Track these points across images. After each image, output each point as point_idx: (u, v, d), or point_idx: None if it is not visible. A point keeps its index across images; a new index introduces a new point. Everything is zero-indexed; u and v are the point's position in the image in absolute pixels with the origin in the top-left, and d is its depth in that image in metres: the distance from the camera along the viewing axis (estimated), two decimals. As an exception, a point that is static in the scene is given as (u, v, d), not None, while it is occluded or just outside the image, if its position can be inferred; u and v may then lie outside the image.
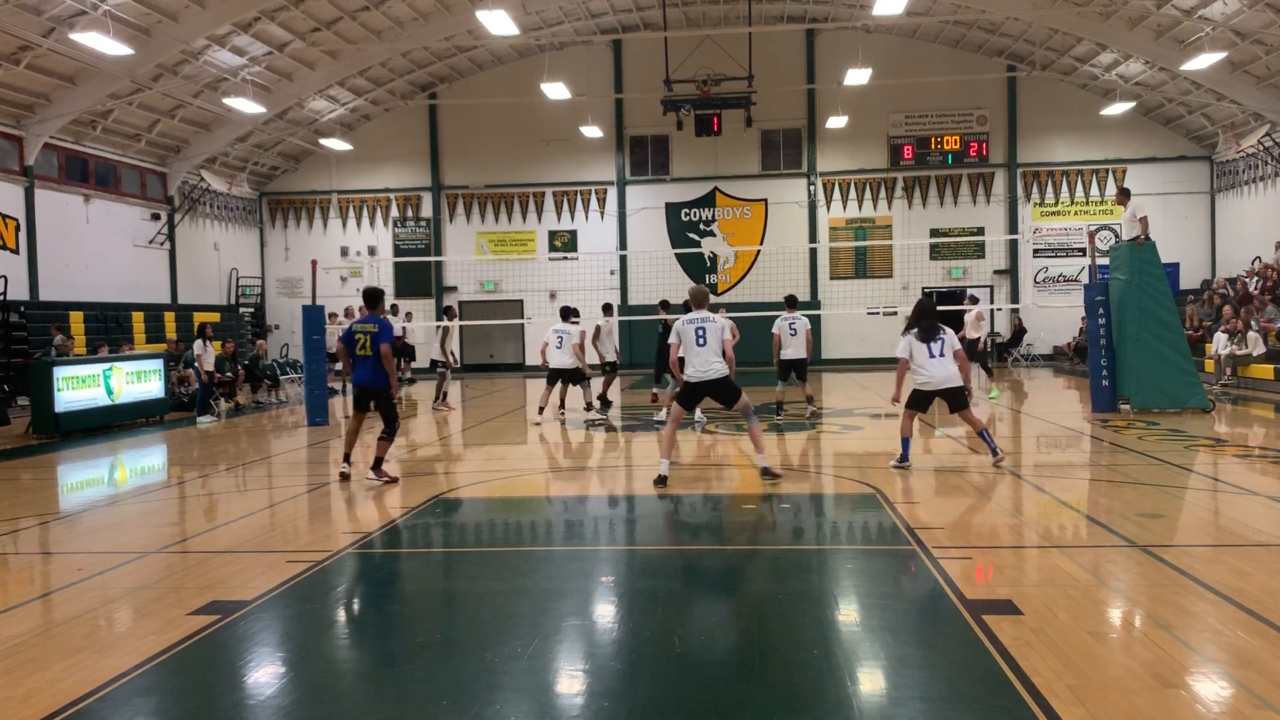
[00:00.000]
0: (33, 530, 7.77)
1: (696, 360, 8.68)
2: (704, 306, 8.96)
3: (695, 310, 8.91)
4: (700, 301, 8.99)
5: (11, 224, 20.19)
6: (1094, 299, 14.00)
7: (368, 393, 9.39)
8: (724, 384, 8.71)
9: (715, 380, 8.67)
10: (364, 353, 9.24)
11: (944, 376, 9.09)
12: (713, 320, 8.76)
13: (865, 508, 7.85)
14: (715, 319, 8.80)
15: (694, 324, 8.72)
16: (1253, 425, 13.36)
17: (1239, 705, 3.74)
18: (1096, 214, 27.51)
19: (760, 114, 25.35)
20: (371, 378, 9.28)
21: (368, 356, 9.23)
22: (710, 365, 8.65)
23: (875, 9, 17.62)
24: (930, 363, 9.10)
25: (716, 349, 8.68)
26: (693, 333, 8.69)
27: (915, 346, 9.16)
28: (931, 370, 9.10)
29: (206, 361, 16.58)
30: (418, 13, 23.53)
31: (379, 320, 9.41)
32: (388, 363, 9.21)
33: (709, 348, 8.65)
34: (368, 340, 9.22)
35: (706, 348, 8.65)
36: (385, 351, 9.17)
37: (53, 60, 19.18)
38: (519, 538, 7.45)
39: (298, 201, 30.24)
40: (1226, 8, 19.35)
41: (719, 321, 8.80)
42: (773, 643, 4.62)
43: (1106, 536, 6.52)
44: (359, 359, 9.28)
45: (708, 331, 8.67)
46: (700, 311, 8.87)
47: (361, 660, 4.62)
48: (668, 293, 27.89)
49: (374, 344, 9.20)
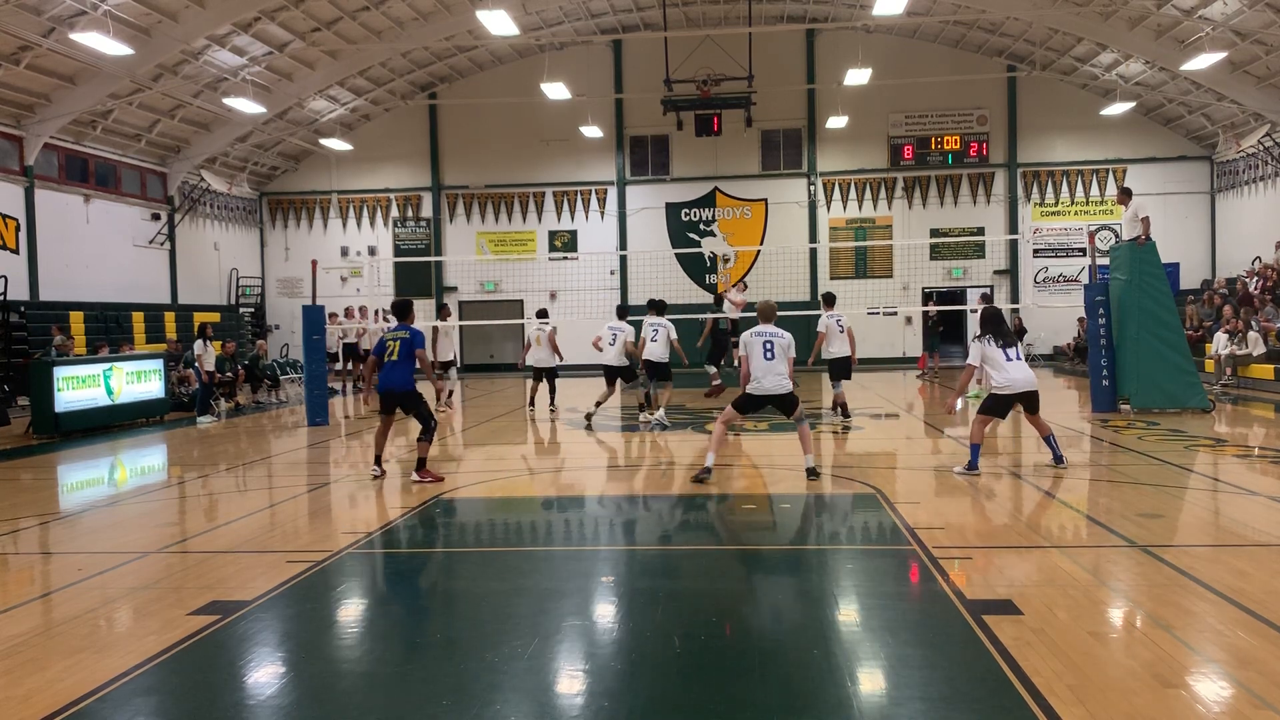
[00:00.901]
0: (33, 530, 7.77)
1: (762, 372, 8.92)
2: (771, 320, 9.21)
3: (763, 324, 9.15)
4: (768, 316, 9.24)
5: (11, 224, 20.19)
6: (1094, 299, 14.00)
7: (393, 396, 9.62)
8: (788, 398, 8.97)
9: (779, 395, 8.94)
10: (391, 358, 9.56)
11: (1025, 379, 9.06)
12: (781, 335, 9.01)
13: (865, 508, 7.85)
14: (783, 334, 9.03)
15: (761, 337, 8.98)
16: (1253, 425, 13.36)
17: (1239, 705, 3.74)
18: (1096, 214, 27.50)
19: (760, 114, 25.36)
20: (395, 381, 9.53)
21: (394, 361, 9.53)
22: (777, 380, 8.89)
23: (875, 9, 17.62)
24: (1010, 366, 9.04)
25: (783, 362, 8.94)
26: (760, 346, 8.96)
27: (990, 351, 9.09)
28: (1013, 374, 9.03)
29: (207, 362, 16.58)
30: (418, 13, 23.52)
31: (410, 329, 9.75)
32: (425, 365, 9.66)
33: (776, 361, 8.90)
34: (397, 346, 9.55)
35: (774, 361, 8.90)
36: (421, 355, 9.57)
37: (53, 60, 19.18)
38: (519, 538, 7.45)
39: (298, 201, 30.24)
40: (1226, 8, 19.35)
41: (786, 337, 9.04)
42: (773, 643, 4.63)
43: (1106, 536, 6.53)
44: (387, 365, 9.60)
45: (775, 345, 8.93)
46: (768, 325, 9.11)
47: (361, 660, 4.62)
48: (667, 293, 27.98)
49: (403, 350, 9.51)
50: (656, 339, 13.57)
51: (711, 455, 9.08)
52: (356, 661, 4.62)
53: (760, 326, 9.12)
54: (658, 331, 13.59)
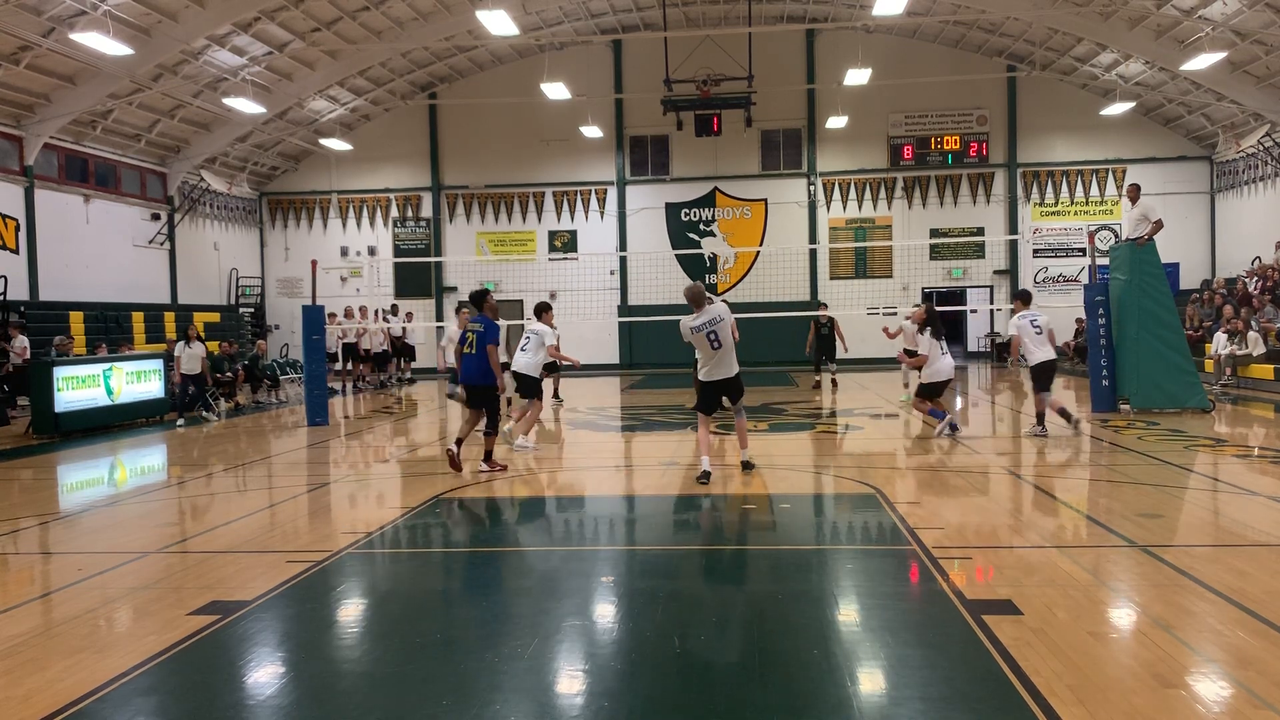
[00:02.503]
0: (33, 530, 7.77)
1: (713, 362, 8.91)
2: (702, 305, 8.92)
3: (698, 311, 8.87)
4: (699, 301, 8.93)
5: (11, 224, 20.19)
6: (1094, 299, 13.99)
7: (475, 391, 9.76)
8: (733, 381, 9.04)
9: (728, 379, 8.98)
10: (469, 350, 9.72)
11: (949, 370, 11.47)
12: (720, 320, 8.85)
13: (865, 508, 7.85)
14: (721, 316, 8.86)
15: (704, 330, 8.80)
16: (1253, 425, 13.36)
17: (1239, 705, 3.74)
18: (1096, 214, 27.51)
19: (760, 114, 25.36)
20: (477, 376, 9.67)
21: (473, 354, 9.68)
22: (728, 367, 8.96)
23: (875, 9, 17.61)
24: (943, 359, 11.38)
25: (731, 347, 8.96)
26: (705, 337, 8.81)
27: (930, 343, 11.29)
28: (943, 365, 11.38)
29: (184, 364, 15.98)
30: (418, 13, 23.52)
31: (486, 320, 9.84)
32: (493, 360, 9.63)
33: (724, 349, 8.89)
34: (475, 339, 9.69)
35: (722, 350, 8.87)
36: (490, 350, 9.64)
37: (53, 60, 19.17)
38: (519, 538, 7.45)
39: (298, 201, 30.24)
40: (1226, 8, 19.34)
41: (725, 318, 8.89)
42: (773, 643, 4.62)
43: (1106, 536, 6.52)
44: (466, 357, 9.76)
45: (719, 333, 8.83)
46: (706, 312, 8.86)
47: (361, 660, 4.62)
48: (668, 293, 28.04)
49: (479, 343, 9.63)
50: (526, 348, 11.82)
51: (705, 459, 8.94)
52: (356, 661, 4.62)
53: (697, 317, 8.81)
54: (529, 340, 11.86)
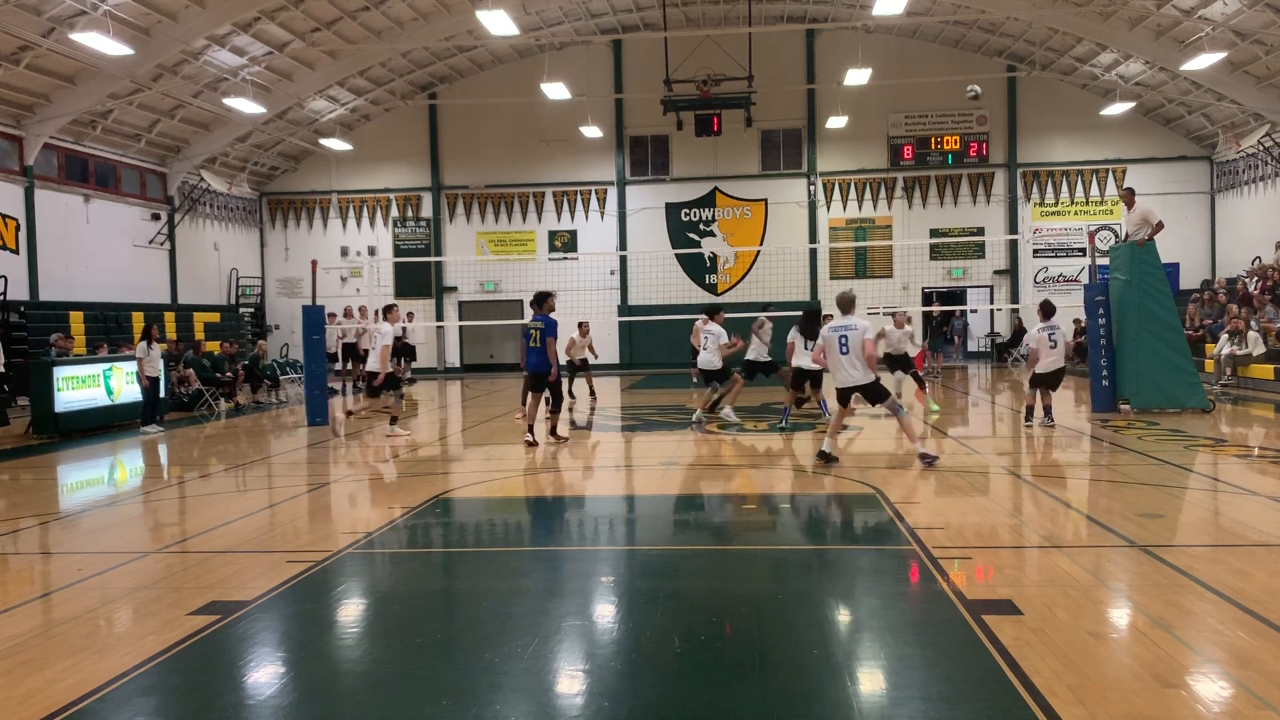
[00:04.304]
0: (33, 530, 7.77)
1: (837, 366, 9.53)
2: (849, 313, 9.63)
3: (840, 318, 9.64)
4: (846, 309, 9.65)
5: (11, 224, 20.19)
6: (1094, 299, 14.00)
7: (540, 378, 11.59)
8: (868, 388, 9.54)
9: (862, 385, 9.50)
10: (534, 345, 11.52)
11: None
12: (854, 327, 9.45)
13: (865, 508, 7.85)
14: (856, 325, 9.48)
15: (837, 333, 9.48)
16: (1253, 425, 13.36)
17: (1239, 705, 3.74)
18: (1096, 214, 27.51)
19: (760, 114, 25.34)
20: (541, 364, 11.51)
21: (536, 347, 11.49)
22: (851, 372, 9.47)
23: (875, 9, 17.62)
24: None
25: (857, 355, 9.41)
26: (836, 341, 9.47)
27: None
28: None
29: (149, 366, 14.74)
30: (418, 13, 23.53)
31: (545, 318, 11.52)
32: (551, 352, 11.45)
33: (851, 355, 9.41)
34: (538, 334, 11.45)
35: (849, 355, 9.41)
36: (550, 344, 11.41)
37: (53, 60, 19.18)
38: (519, 538, 7.45)
39: (298, 201, 30.24)
40: (1226, 8, 19.35)
41: (859, 328, 9.45)
42: (773, 643, 4.62)
43: (1106, 536, 6.52)
44: (530, 350, 11.60)
45: (849, 340, 9.41)
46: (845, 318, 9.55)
47: (361, 660, 4.62)
48: (668, 293, 28.08)
49: (541, 337, 11.43)
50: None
51: (829, 440, 9.81)
52: (356, 661, 4.62)
53: (836, 321, 9.66)
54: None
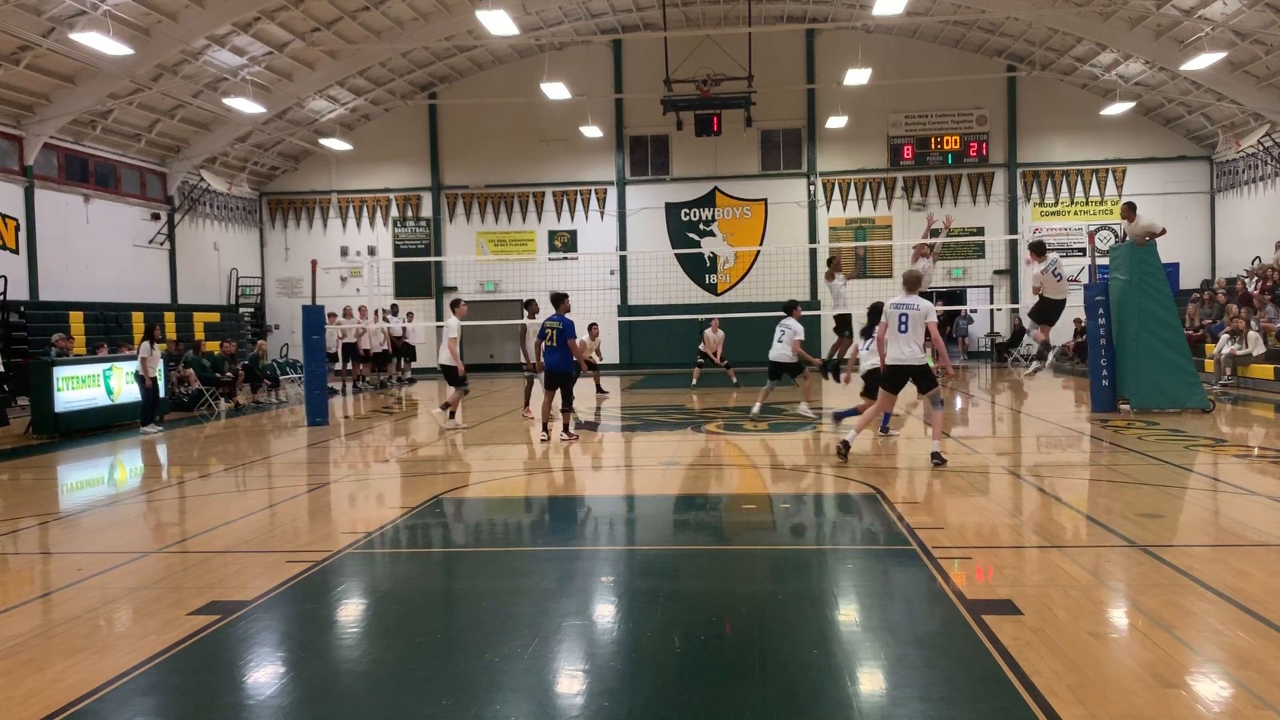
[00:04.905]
0: (33, 530, 7.77)
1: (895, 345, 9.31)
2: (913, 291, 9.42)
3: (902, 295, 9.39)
4: (912, 287, 9.43)
5: (11, 224, 20.19)
6: (1094, 299, 13.99)
7: (556, 376, 11.81)
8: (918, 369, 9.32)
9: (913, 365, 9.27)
10: (551, 344, 11.76)
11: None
12: (915, 306, 9.21)
13: (865, 508, 7.85)
14: (918, 304, 9.23)
15: (899, 309, 9.26)
16: (1253, 425, 13.36)
17: (1239, 705, 3.74)
18: (1096, 214, 27.50)
19: (760, 114, 25.34)
20: (558, 363, 11.75)
21: (554, 347, 11.72)
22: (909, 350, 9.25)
23: (875, 9, 17.62)
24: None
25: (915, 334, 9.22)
26: (896, 318, 9.27)
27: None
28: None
29: (151, 366, 14.87)
30: (418, 13, 23.52)
31: (563, 319, 11.78)
32: (574, 351, 11.78)
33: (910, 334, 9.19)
34: (554, 334, 11.69)
35: (907, 333, 9.19)
36: (571, 343, 11.70)
37: (53, 60, 19.17)
38: (519, 538, 7.45)
39: (298, 201, 30.24)
40: (1226, 8, 19.34)
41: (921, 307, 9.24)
42: (773, 643, 4.62)
43: (1106, 536, 6.52)
44: (548, 349, 11.80)
45: (909, 317, 9.20)
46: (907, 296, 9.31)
47: (361, 660, 4.62)
48: (668, 293, 28.06)
49: (559, 337, 11.68)
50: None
51: (853, 432, 9.79)
52: (356, 661, 4.62)
53: (898, 298, 9.39)
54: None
